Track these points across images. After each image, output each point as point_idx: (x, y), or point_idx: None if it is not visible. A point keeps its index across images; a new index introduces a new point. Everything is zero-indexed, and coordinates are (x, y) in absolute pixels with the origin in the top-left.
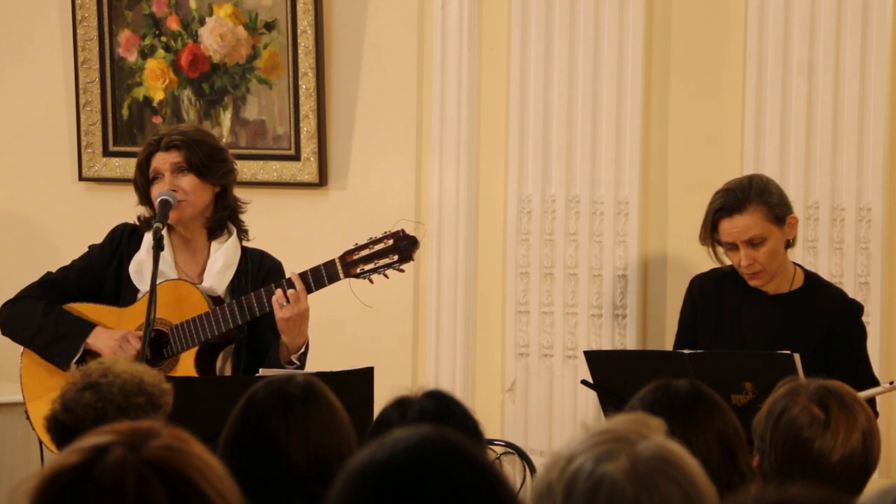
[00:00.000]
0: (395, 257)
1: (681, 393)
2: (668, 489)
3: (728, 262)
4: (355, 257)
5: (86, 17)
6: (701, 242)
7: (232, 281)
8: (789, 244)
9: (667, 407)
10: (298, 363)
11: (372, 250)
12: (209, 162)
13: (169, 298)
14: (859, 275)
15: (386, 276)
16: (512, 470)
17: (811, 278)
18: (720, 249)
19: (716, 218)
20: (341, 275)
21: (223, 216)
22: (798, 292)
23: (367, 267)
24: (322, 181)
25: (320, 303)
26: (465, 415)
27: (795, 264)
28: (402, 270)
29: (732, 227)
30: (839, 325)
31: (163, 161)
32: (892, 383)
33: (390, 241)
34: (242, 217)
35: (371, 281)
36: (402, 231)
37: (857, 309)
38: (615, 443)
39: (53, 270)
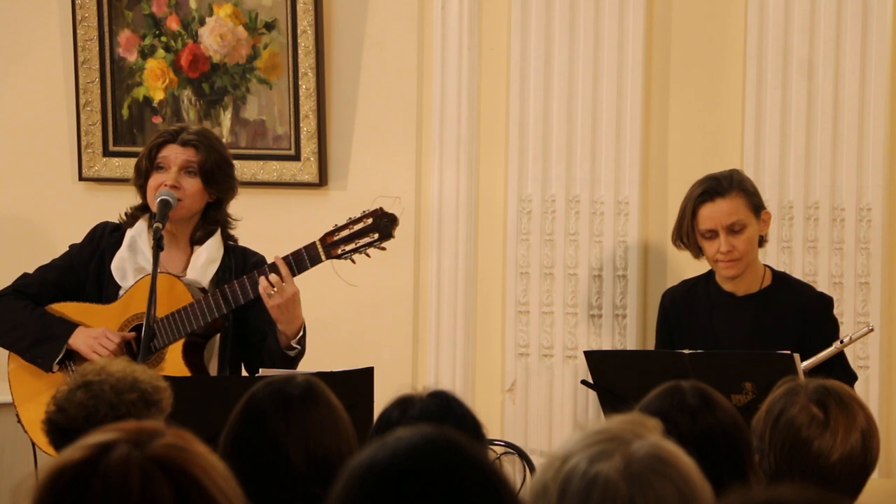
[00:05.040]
0: (376, 235)
1: (688, 397)
2: (663, 488)
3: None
4: (336, 238)
5: (86, 17)
6: (673, 241)
7: (216, 274)
8: (762, 242)
9: (678, 411)
10: (298, 347)
11: (352, 230)
12: (218, 172)
13: None
14: (859, 275)
15: (367, 255)
16: (512, 470)
17: (779, 276)
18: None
19: (697, 203)
20: (323, 257)
21: (212, 230)
22: (768, 290)
23: (349, 247)
24: (322, 181)
25: (320, 303)
26: (466, 415)
27: (765, 266)
28: (383, 248)
29: (714, 211)
30: (812, 319)
31: (176, 154)
32: (841, 342)
33: (370, 220)
34: (236, 220)
35: (353, 261)
36: (381, 209)
37: (827, 302)
38: (610, 442)
39: (31, 271)
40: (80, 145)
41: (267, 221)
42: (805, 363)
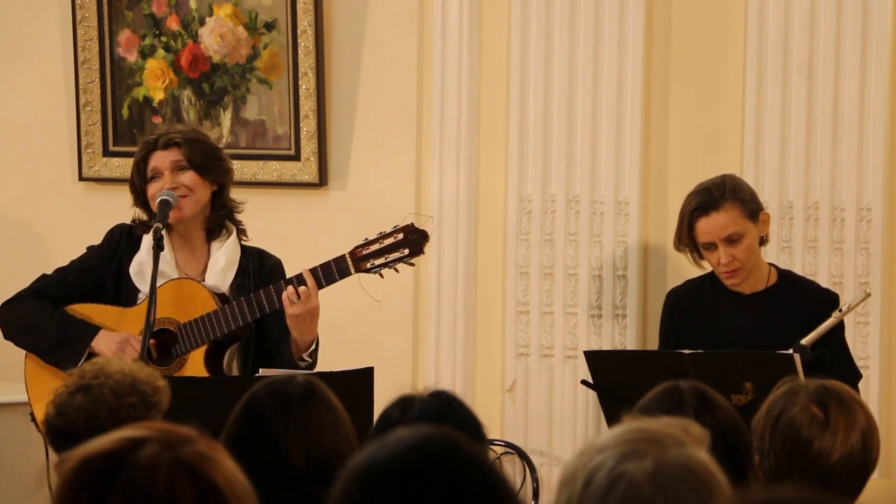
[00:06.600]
0: (406, 251)
1: (686, 397)
2: (687, 499)
3: (706, 266)
4: (365, 252)
5: (86, 17)
6: (676, 247)
7: (235, 279)
8: (763, 241)
9: (676, 412)
10: (310, 360)
11: (382, 245)
12: (208, 160)
13: (175, 297)
14: (859, 275)
15: (396, 271)
16: (512, 470)
17: (784, 274)
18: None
19: (692, 218)
20: (352, 270)
21: (221, 216)
22: (773, 289)
23: (378, 261)
24: (322, 181)
25: (321, 303)
26: (466, 415)
27: (770, 264)
28: (412, 264)
29: (710, 225)
30: (818, 316)
31: (162, 159)
32: (840, 311)
33: (400, 236)
34: (239, 217)
35: (381, 276)
36: (412, 225)
37: (832, 299)
38: (647, 443)
39: (50, 271)
40: (80, 145)
41: (267, 221)
42: (805, 339)
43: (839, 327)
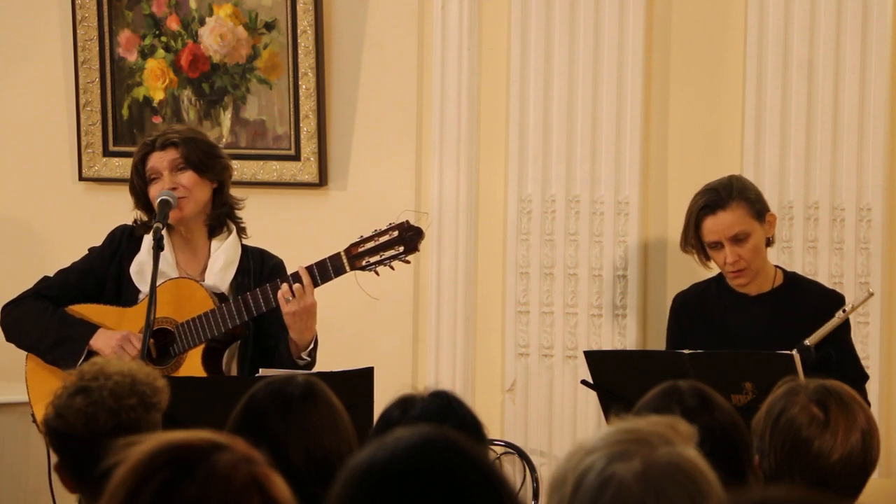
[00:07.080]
0: (401, 248)
1: (686, 397)
2: (678, 498)
3: (713, 267)
4: (360, 250)
5: (86, 17)
6: (682, 248)
7: (235, 278)
8: (769, 243)
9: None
10: (309, 359)
11: (377, 242)
12: (206, 158)
13: (173, 297)
14: (859, 275)
15: (392, 268)
16: (512, 470)
17: (790, 276)
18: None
19: (700, 216)
20: (347, 268)
21: (222, 213)
22: (779, 290)
23: (373, 259)
24: (322, 181)
25: (320, 303)
26: (466, 415)
27: (776, 266)
28: (407, 262)
29: (717, 224)
30: (824, 318)
31: (160, 160)
32: (843, 311)
33: (395, 233)
34: (240, 214)
35: (377, 273)
36: (407, 222)
37: (838, 300)
38: (635, 443)
39: (51, 271)
40: (80, 145)
41: (267, 221)
42: (809, 339)
43: (844, 328)
